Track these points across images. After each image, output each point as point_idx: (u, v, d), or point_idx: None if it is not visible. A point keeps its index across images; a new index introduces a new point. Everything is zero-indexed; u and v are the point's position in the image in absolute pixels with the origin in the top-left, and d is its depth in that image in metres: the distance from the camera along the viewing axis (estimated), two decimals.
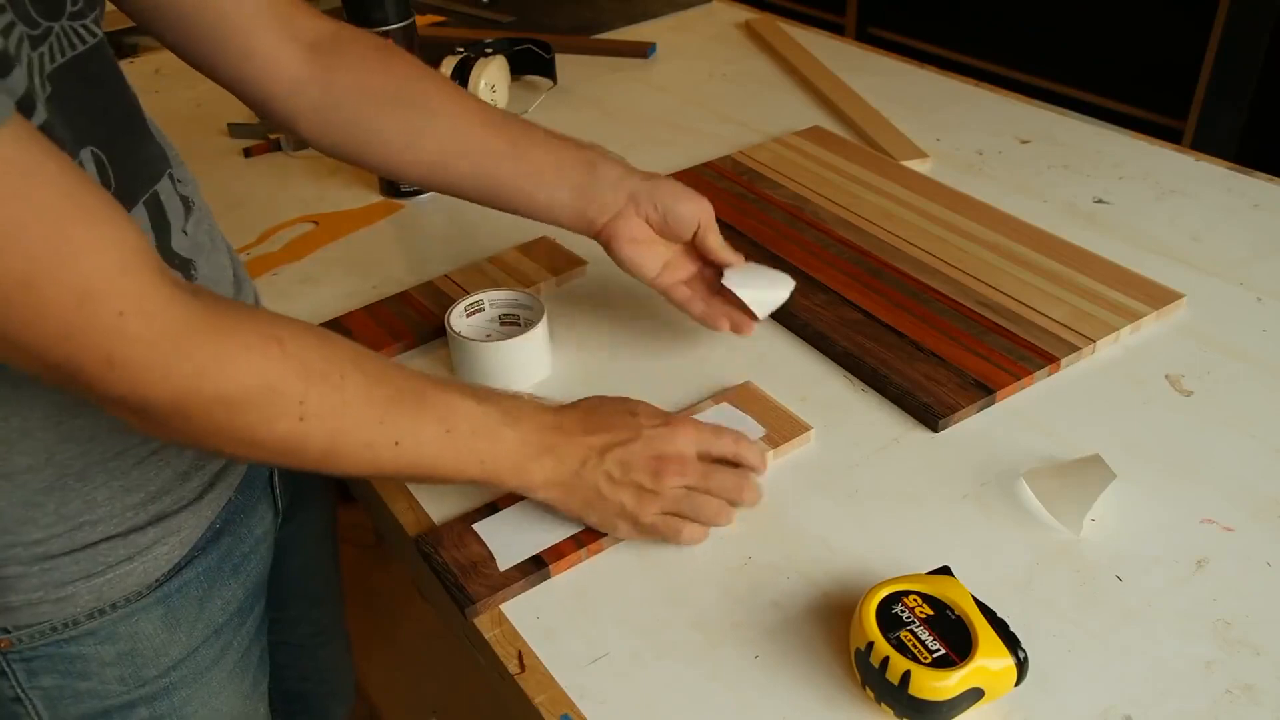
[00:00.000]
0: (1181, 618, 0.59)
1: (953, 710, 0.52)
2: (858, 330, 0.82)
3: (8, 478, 0.54)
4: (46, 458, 0.55)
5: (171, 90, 1.41)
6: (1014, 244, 0.92)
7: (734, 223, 0.98)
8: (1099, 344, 0.79)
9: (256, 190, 1.14)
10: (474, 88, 1.19)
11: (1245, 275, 0.89)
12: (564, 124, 1.25)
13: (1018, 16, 2.36)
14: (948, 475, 0.70)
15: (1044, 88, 2.26)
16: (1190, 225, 0.96)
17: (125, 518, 0.59)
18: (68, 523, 0.57)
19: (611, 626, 0.60)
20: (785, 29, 1.49)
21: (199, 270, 0.63)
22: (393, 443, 0.56)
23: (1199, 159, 1.08)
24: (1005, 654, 0.52)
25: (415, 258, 0.99)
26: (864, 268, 0.90)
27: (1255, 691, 0.55)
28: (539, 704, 0.56)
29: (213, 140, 1.25)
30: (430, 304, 0.88)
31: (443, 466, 0.59)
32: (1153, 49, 2.12)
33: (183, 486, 0.62)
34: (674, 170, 1.08)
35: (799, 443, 0.72)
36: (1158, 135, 1.16)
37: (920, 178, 1.04)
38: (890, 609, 0.54)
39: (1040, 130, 1.16)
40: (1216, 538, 0.64)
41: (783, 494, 0.69)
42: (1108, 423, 0.73)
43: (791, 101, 1.27)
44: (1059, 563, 0.63)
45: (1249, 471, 0.69)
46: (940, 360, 0.78)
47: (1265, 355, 0.79)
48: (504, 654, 0.59)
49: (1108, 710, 0.54)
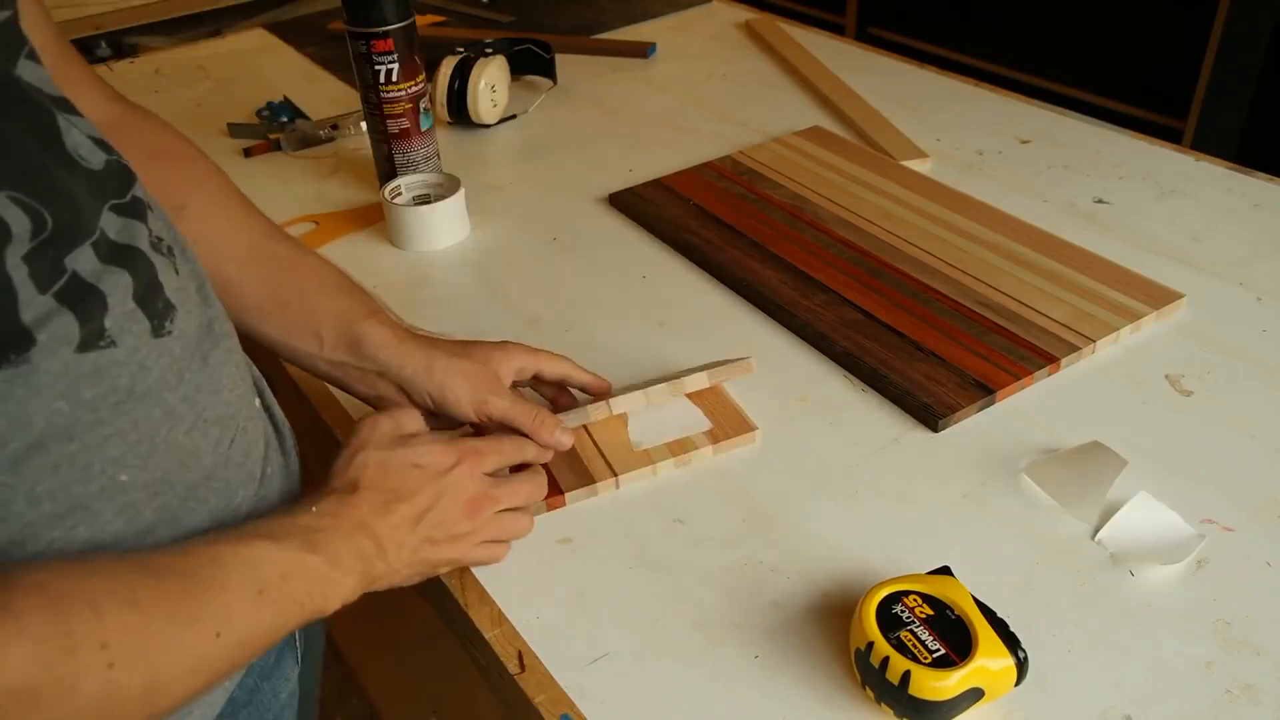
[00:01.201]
0: (1181, 618, 0.59)
1: (953, 710, 0.52)
2: (858, 330, 0.82)
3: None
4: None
5: (171, 90, 1.42)
6: (1014, 244, 0.92)
7: (734, 223, 0.98)
8: (1099, 344, 0.79)
9: (256, 190, 1.13)
10: (474, 88, 1.19)
11: (1245, 275, 0.89)
12: (564, 124, 1.26)
13: (1018, 16, 2.36)
14: (948, 475, 0.70)
15: (1044, 88, 2.26)
16: (1190, 225, 0.96)
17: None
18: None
19: (611, 626, 0.60)
20: (785, 29, 1.49)
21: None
22: (212, 636, 0.45)
23: (1199, 159, 1.08)
24: (1005, 654, 0.52)
25: (416, 258, 0.99)
26: (864, 268, 0.90)
27: (1255, 691, 0.55)
28: (539, 704, 0.56)
29: (213, 140, 1.25)
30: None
31: (265, 633, 0.49)
32: (1153, 49, 2.12)
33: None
34: (674, 170, 1.08)
35: (742, 441, 0.72)
36: (1158, 135, 1.16)
37: (920, 178, 1.04)
38: (890, 609, 0.54)
39: (1040, 130, 1.16)
40: (1216, 538, 0.64)
41: (783, 494, 0.69)
42: (1108, 423, 0.73)
43: (791, 101, 1.27)
44: (1059, 563, 0.63)
45: (1249, 471, 0.69)
46: (940, 360, 0.78)
47: (1265, 355, 0.79)
48: (504, 654, 0.59)
49: (1108, 710, 0.54)
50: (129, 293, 0.47)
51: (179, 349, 0.50)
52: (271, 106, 1.29)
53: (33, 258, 0.43)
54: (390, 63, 0.99)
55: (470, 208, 1.03)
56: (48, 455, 0.44)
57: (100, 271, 0.46)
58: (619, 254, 0.97)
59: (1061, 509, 0.66)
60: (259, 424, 0.58)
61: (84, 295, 0.45)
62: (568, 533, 0.67)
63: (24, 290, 0.42)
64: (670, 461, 0.70)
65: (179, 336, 0.50)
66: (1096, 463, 0.66)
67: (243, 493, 0.54)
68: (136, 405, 0.47)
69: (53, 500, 0.44)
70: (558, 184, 1.11)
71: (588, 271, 0.95)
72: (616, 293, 0.91)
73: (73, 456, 0.45)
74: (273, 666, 0.63)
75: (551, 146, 1.20)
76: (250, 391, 0.58)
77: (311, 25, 1.66)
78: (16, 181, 0.43)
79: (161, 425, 0.48)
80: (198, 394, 0.51)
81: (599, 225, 1.03)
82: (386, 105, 1.01)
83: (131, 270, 0.48)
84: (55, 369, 0.43)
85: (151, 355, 0.48)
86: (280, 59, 1.53)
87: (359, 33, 0.98)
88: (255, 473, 0.56)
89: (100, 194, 0.48)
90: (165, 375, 0.49)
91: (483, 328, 0.87)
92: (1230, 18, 1.93)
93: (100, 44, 1.95)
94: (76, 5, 1.97)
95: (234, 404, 0.54)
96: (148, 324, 0.48)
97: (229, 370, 0.54)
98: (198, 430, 0.51)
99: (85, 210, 0.47)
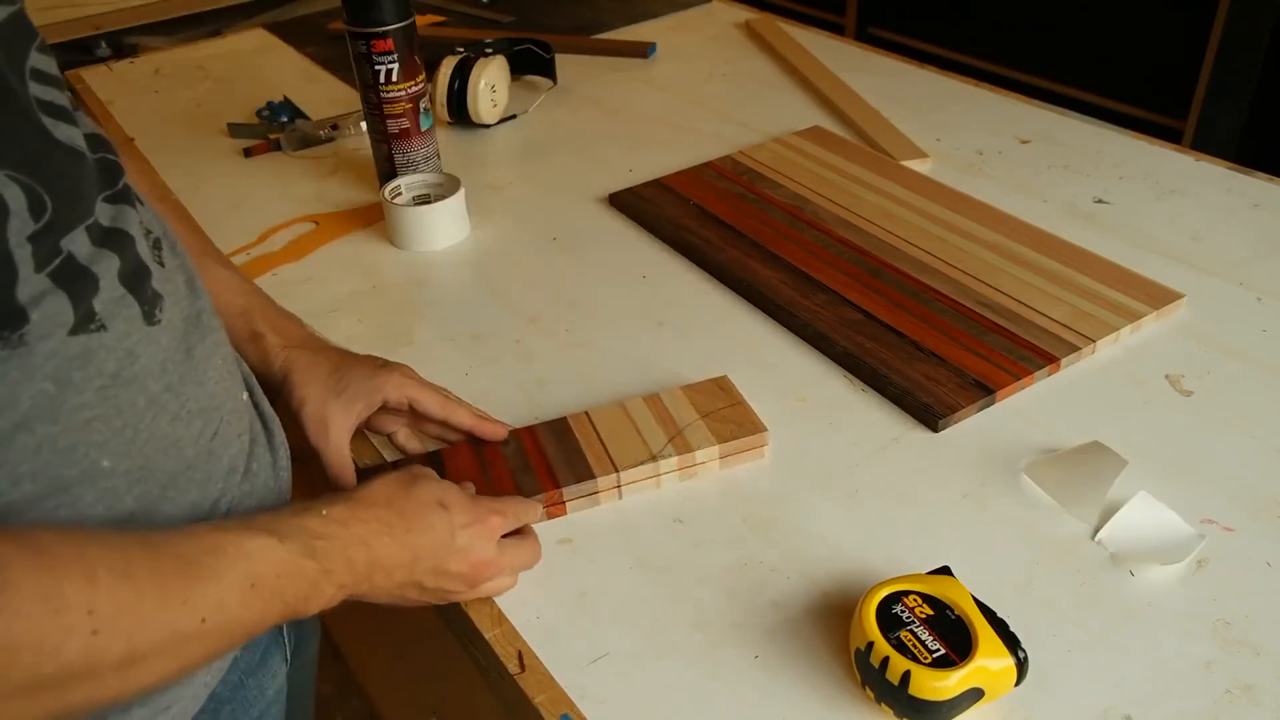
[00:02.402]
0: (1181, 618, 0.59)
1: (953, 710, 0.52)
2: (858, 330, 0.82)
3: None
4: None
5: (171, 90, 1.42)
6: (1014, 244, 0.92)
7: (734, 223, 0.98)
8: (1099, 344, 0.79)
9: (256, 190, 1.14)
10: (474, 88, 1.19)
11: (1245, 275, 0.89)
12: (564, 124, 1.26)
13: (1018, 16, 2.36)
14: (948, 475, 0.70)
15: (1044, 88, 2.26)
16: (1190, 225, 0.96)
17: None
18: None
19: (611, 626, 0.60)
20: (785, 29, 1.49)
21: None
22: (199, 621, 0.45)
23: (1199, 159, 1.08)
24: (1005, 654, 0.52)
25: (416, 258, 0.99)
26: (864, 268, 0.90)
27: (1255, 691, 0.55)
28: (539, 704, 0.56)
29: (213, 140, 1.25)
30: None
31: (246, 626, 0.49)
32: (1153, 49, 2.12)
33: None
34: (674, 170, 1.09)
35: (752, 456, 0.71)
36: (1158, 135, 1.16)
37: (920, 178, 1.04)
38: (890, 609, 0.54)
39: (1040, 130, 1.16)
40: (1216, 538, 0.64)
41: (783, 494, 0.69)
42: (1108, 423, 0.73)
43: (791, 101, 1.27)
44: (1059, 563, 0.63)
45: (1249, 471, 0.69)
46: (940, 360, 0.78)
47: (1265, 355, 0.79)
48: (504, 654, 0.59)
49: (1108, 710, 0.54)
50: (117, 275, 0.48)
51: (166, 339, 0.50)
52: (271, 106, 1.29)
53: (36, 239, 0.43)
54: (390, 63, 0.99)
55: (470, 208, 1.03)
56: (31, 435, 0.44)
57: (93, 254, 0.46)
58: (619, 254, 0.97)
59: (1061, 509, 0.66)
60: (244, 418, 0.58)
61: (77, 276, 0.45)
62: (568, 533, 0.67)
63: (24, 268, 0.43)
64: (675, 475, 0.70)
65: (167, 326, 0.50)
66: (1096, 463, 0.66)
67: (223, 485, 0.54)
68: (121, 391, 0.47)
69: (34, 481, 0.45)
70: (558, 184, 1.11)
71: (587, 271, 0.95)
72: (616, 293, 0.91)
73: (55, 438, 0.45)
74: (258, 664, 0.63)
75: (551, 146, 1.20)
76: (238, 386, 0.58)
77: (311, 25, 1.66)
78: (15, 162, 0.43)
79: (145, 413, 0.49)
80: (182, 384, 0.51)
81: (599, 225, 1.03)
82: (386, 105, 1.01)
83: (120, 253, 0.48)
84: (47, 350, 0.44)
85: (140, 342, 0.48)
86: (280, 59, 1.53)
87: (359, 33, 0.98)
88: (238, 466, 0.56)
89: (95, 182, 0.49)
90: (151, 364, 0.49)
91: (483, 328, 0.87)
92: (1230, 18, 1.93)
93: (100, 44, 1.95)
94: (76, 5, 1.97)
95: (219, 396, 0.54)
96: (139, 310, 0.48)
97: (215, 363, 0.55)
98: (180, 420, 0.51)
99: (84, 194, 0.47)
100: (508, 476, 0.68)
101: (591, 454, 0.69)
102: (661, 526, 0.67)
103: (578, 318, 0.88)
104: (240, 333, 0.71)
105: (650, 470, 0.69)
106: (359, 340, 0.87)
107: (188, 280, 0.55)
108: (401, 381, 0.71)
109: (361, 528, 0.54)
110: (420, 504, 0.58)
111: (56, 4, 1.98)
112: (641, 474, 0.69)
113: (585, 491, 0.68)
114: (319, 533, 0.52)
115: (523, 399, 0.79)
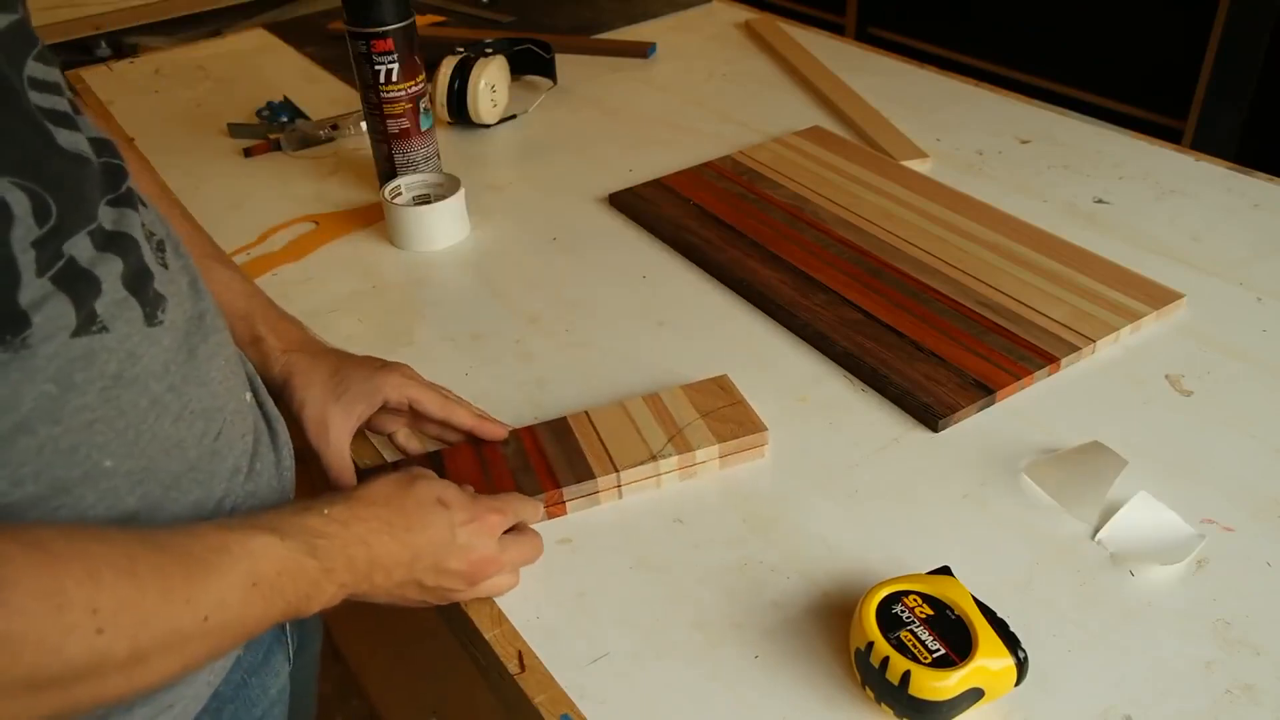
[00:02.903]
0: (1181, 618, 0.59)
1: (953, 710, 0.52)
2: (858, 330, 0.82)
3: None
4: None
5: (171, 90, 1.42)
6: (1014, 244, 0.92)
7: (734, 223, 0.98)
8: (1099, 344, 0.79)
9: (256, 190, 1.14)
10: (474, 88, 1.19)
11: (1245, 275, 0.89)
12: (564, 124, 1.26)
13: (1018, 16, 2.36)
14: (948, 475, 0.70)
15: (1044, 88, 2.26)
16: (1190, 225, 0.96)
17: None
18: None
19: (611, 626, 0.60)
20: (785, 29, 1.49)
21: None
22: (201, 619, 0.45)
23: (1199, 159, 1.08)
24: (1005, 654, 0.52)
25: (416, 258, 0.99)
26: (864, 268, 0.90)
27: (1255, 691, 0.55)
28: (539, 704, 0.56)
29: (213, 140, 1.25)
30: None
31: (247, 625, 0.49)
32: (1153, 49, 2.12)
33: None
34: (674, 170, 1.09)
35: (752, 455, 0.71)
36: (1158, 135, 1.16)
37: (920, 178, 1.04)
38: (890, 609, 0.54)
39: (1040, 130, 1.16)
40: (1216, 538, 0.64)
41: (783, 494, 0.69)
42: (1108, 423, 0.73)
43: (791, 101, 1.27)
44: (1059, 563, 0.63)
45: (1249, 471, 0.69)
46: (940, 360, 0.78)
47: (1265, 355, 0.79)
48: (504, 654, 0.59)
49: (1108, 710, 0.54)
50: (120, 278, 0.48)
51: (168, 340, 0.50)
52: (271, 106, 1.29)
53: (40, 244, 0.43)
54: (390, 63, 0.99)
55: (470, 208, 1.03)
56: (33, 437, 0.44)
57: (95, 258, 0.47)
58: (619, 254, 0.97)
59: (1061, 509, 0.66)
60: (248, 418, 0.58)
61: (79, 280, 0.45)
62: (567, 533, 0.67)
63: (26, 273, 0.43)
64: (675, 475, 0.70)
65: (169, 327, 0.50)
66: (1096, 463, 0.66)
67: (227, 485, 0.55)
68: (123, 392, 0.47)
69: (36, 482, 0.45)
70: (558, 184, 1.11)
71: (587, 271, 0.95)
72: (616, 292, 0.91)
73: (57, 439, 0.45)
74: (261, 663, 0.62)
75: (551, 146, 1.20)
76: (242, 385, 0.58)
77: (311, 25, 1.66)
78: (17, 168, 0.43)
79: (148, 414, 0.49)
80: (185, 385, 0.51)
81: (599, 225, 1.03)
82: (386, 105, 1.01)
83: (123, 256, 0.48)
84: (49, 352, 0.44)
85: (142, 344, 0.48)
86: (280, 59, 1.53)
87: (359, 33, 0.98)
88: (242, 466, 0.56)
89: (99, 187, 0.49)
90: (153, 364, 0.49)
91: (483, 328, 0.87)
92: (1230, 18, 1.93)
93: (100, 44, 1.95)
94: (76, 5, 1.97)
95: (222, 397, 0.54)
96: (140, 311, 0.48)
97: (218, 363, 0.55)
98: (183, 421, 0.51)
99: (87, 199, 0.47)
100: (508, 476, 0.68)
101: (591, 454, 0.69)
102: (661, 526, 0.67)
103: (578, 318, 0.88)
104: (242, 336, 0.71)
105: (650, 470, 0.69)
106: (359, 340, 0.87)
107: (191, 281, 0.55)
108: (401, 382, 0.71)
109: (362, 526, 0.54)
110: (420, 502, 0.58)
111: (56, 4, 1.98)
112: (641, 474, 0.69)
113: (585, 491, 0.68)
114: (320, 531, 0.52)
115: (523, 399, 0.79)
